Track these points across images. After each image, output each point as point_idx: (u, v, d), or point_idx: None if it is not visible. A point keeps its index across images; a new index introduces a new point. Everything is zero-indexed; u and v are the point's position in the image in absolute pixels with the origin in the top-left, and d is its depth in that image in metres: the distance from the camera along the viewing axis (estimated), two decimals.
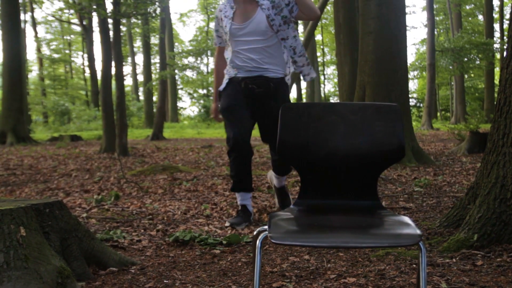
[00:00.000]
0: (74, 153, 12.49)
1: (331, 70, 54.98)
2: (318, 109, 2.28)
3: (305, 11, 4.01)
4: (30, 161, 10.59)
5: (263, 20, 4.01)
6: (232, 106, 4.07)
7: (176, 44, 46.00)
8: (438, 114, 39.43)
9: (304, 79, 4.35)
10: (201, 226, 4.08)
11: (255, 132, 4.78)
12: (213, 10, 46.27)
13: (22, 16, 31.56)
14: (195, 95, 48.39)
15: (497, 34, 32.29)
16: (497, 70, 29.75)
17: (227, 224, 4.05)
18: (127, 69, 48.24)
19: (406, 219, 1.91)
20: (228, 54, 4.18)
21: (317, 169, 2.24)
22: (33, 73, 47.49)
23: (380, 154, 2.20)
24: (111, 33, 12.60)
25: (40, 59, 42.62)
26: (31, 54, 70.14)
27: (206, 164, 9.07)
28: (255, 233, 2.00)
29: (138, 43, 44.35)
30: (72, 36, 47.20)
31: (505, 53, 3.35)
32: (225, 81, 4.19)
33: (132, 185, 6.39)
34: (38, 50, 42.23)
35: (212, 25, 47.41)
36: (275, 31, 4.03)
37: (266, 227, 1.84)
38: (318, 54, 44.18)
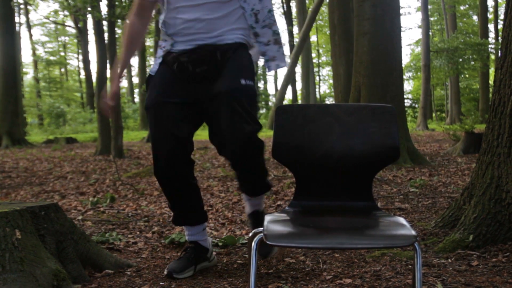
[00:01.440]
0: (69, 156, 12.47)
1: (326, 71, 55.08)
2: (313, 111, 2.28)
3: None
4: (26, 163, 10.57)
5: None
6: (158, 105, 2.71)
7: None
8: (434, 114, 39.50)
9: (268, 67, 2.94)
10: None
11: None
12: None
13: (17, 18, 31.48)
14: None
15: (491, 35, 32.37)
16: (491, 70, 29.79)
17: (165, 272, 2.80)
18: None
19: (401, 220, 1.91)
20: (161, 17, 2.81)
21: (312, 170, 2.24)
22: (28, 76, 47.40)
23: (375, 155, 2.20)
24: (106, 35, 12.59)
25: (35, 61, 42.55)
26: (26, 56, 70.01)
27: (201, 165, 9.07)
28: (250, 234, 2.00)
29: None
30: (67, 38, 47.13)
31: (499, 54, 3.36)
32: (156, 61, 2.84)
33: (128, 187, 6.39)
34: (33, 52, 42.16)
35: None
36: None
37: (261, 228, 1.84)
38: (313, 55, 44.19)
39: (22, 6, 27.09)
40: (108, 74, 12.51)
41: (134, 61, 44.14)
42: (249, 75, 2.69)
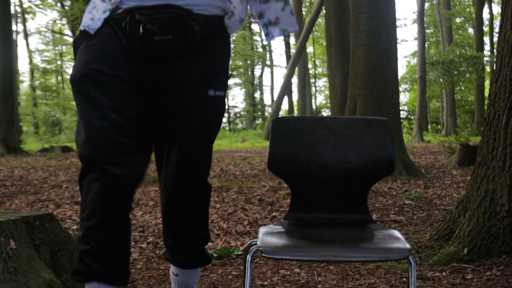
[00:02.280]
0: (65, 164, 12.44)
1: (322, 82, 55.18)
2: (308, 123, 2.29)
3: None
4: (21, 172, 10.54)
5: None
6: (98, 74, 1.87)
7: None
8: (429, 126, 39.61)
9: (267, 35, 2.16)
10: None
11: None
12: None
13: (14, 27, 31.55)
14: None
15: (487, 47, 32.54)
16: (487, 83, 29.93)
17: None
18: None
19: (396, 233, 1.92)
20: None
21: (307, 183, 2.25)
22: (25, 84, 47.35)
23: (370, 168, 2.21)
24: None
25: (32, 70, 42.55)
26: (23, 64, 70.04)
27: None
28: (245, 246, 2.01)
29: None
30: (64, 47, 47.17)
31: (494, 67, 3.39)
32: (98, 15, 1.92)
33: None
34: (30, 60, 42.17)
35: None
36: None
37: (256, 240, 1.84)
38: (310, 66, 44.32)
39: (19, 15, 27.14)
40: None
41: None
42: (222, 80, 2.04)
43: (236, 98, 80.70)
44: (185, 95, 1.95)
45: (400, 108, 9.57)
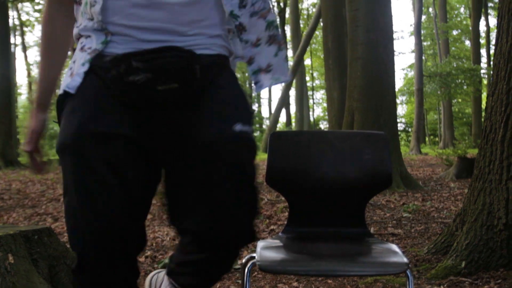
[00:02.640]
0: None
1: (320, 94, 55.29)
2: (306, 137, 2.30)
3: None
4: (18, 185, 10.52)
5: None
6: (85, 139, 1.55)
7: None
8: (427, 138, 39.64)
9: (256, 83, 1.81)
10: None
11: None
12: None
13: (12, 40, 31.63)
14: None
15: (484, 60, 32.66)
16: (484, 95, 30.00)
17: None
18: None
19: (394, 247, 1.92)
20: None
21: (305, 196, 2.25)
22: (23, 97, 47.39)
23: (368, 182, 2.22)
24: None
25: (30, 83, 42.59)
26: (21, 77, 70.13)
27: None
28: (243, 260, 2.01)
29: None
30: None
31: (491, 80, 3.41)
32: (76, 69, 1.62)
33: None
34: (28, 73, 42.22)
35: None
36: None
37: (254, 254, 1.85)
38: (307, 78, 44.41)
39: (18, 28, 27.22)
40: None
41: None
42: (247, 116, 1.65)
43: None
44: (207, 138, 1.54)
45: (398, 120, 9.60)
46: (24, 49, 40.29)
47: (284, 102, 28.26)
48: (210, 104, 1.59)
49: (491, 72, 3.42)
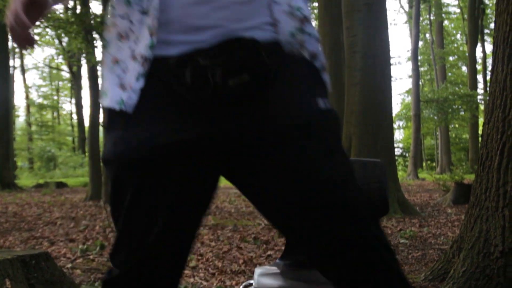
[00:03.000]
0: (59, 201, 12.41)
1: None
2: None
3: None
4: (15, 208, 10.50)
5: None
6: (159, 156, 1.32)
7: None
8: (424, 163, 39.69)
9: None
10: (187, 278, 4.06)
11: None
12: None
13: (11, 62, 31.77)
14: None
15: (480, 85, 32.85)
16: (481, 120, 30.15)
17: None
18: None
19: None
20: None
21: None
22: (21, 119, 47.48)
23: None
24: (100, 80, 12.72)
25: (28, 105, 42.70)
26: (19, 99, 70.19)
27: None
28: (241, 287, 2.02)
29: None
30: (60, 82, 47.45)
31: (487, 108, 3.44)
32: (132, 83, 1.35)
33: None
34: (26, 96, 42.34)
35: None
36: None
37: (252, 281, 1.85)
38: None
39: (17, 50, 27.34)
40: (101, 119, 12.60)
41: None
42: (325, 93, 1.47)
43: None
44: (294, 118, 1.34)
45: (395, 145, 9.63)
46: (23, 71, 40.47)
47: None
48: (284, 85, 1.38)
49: (487, 99, 3.45)
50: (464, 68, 40.20)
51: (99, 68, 12.68)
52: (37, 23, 1.40)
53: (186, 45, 1.35)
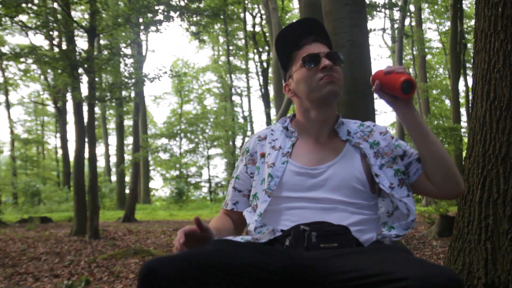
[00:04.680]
0: (44, 236, 12.30)
1: None
2: None
3: (439, 178, 2.00)
4: None
5: (355, 169, 2.02)
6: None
7: (149, 126, 46.35)
8: None
9: None
10: None
11: None
12: (186, 93, 46.75)
13: None
14: (167, 175, 48.31)
15: (464, 118, 33.21)
16: (465, 153, 30.43)
17: None
18: (100, 150, 48.18)
19: None
20: (251, 219, 2.05)
21: None
22: (5, 153, 47.16)
23: None
24: (85, 115, 12.74)
25: (13, 140, 42.48)
26: (3, 134, 69.84)
27: None
28: None
29: (111, 124, 44.55)
30: (45, 117, 47.34)
31: (468, 144, 3.51)
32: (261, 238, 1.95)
33: (103, 270, 6.32)
34: (11, 131, 42.14)
35: (187, 107, 47.80)
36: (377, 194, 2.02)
37: None
38: None
39: (1, 86, 27.34)
40: (86, 154, 12.59)
41: (112, 140, 44.33)
42: None
43: (217, 168, 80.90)
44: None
45: None
46: (8, 107, 40.36)
47: None
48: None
49: (468, 134, 3.53)
50: (447, 102, 40.66)
51: (84, 103, 12.71)
52: None
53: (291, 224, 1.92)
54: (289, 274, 1.66)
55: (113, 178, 40.98)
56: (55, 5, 13.20)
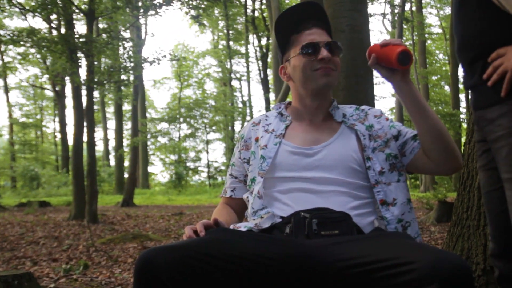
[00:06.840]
0: (42, 220, 12.31)
1: None
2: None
3: (437, 153, 2.00)
4: None
5: (351, 149, 2.05)
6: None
7: (149, 110, 46.29)
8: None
9: None
10: None
11: None
12: (186, 77, 46.64)
13: None
14: (166, 160, 48.32)
15: (463, 104, 33.18)
16: (464, 139, 30.45)
17: None
18: (99, 134, 48.14)
19: None
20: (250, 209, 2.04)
21: None
22: (4, 138, 47.11)
23: None
24: (84, 99, 12.70)
25: (11, 124, 42.43)
26: (2, 119, 69.74)
27: (176, 232, 9.02)
28: None
29: (111, 109, 44.45)
30: (44, 101, 47.24)
31: (467, 129, 3.49)
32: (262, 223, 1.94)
33: (102, 254, 6.33)
34: (10, 115, 42.08)
35: (187, 92, 47.70)
36: (371, 180, 2.02)
37: None
38: None
39: (0, 70, 27.23)
40: (85, 138, 12.57)
41: (111, 124, 44.25)
42: None
43: (216, 152, 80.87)
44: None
45: None
46: (6, 90, 40.26)
47: None
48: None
49: (468, 119, 3.50)
50: (446, 88, 40.60)
51: (83, 87, 12.67)
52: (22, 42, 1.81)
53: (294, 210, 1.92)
54: (290, 262, 1.65)
55: (112, 162, 40.97)
56: None
